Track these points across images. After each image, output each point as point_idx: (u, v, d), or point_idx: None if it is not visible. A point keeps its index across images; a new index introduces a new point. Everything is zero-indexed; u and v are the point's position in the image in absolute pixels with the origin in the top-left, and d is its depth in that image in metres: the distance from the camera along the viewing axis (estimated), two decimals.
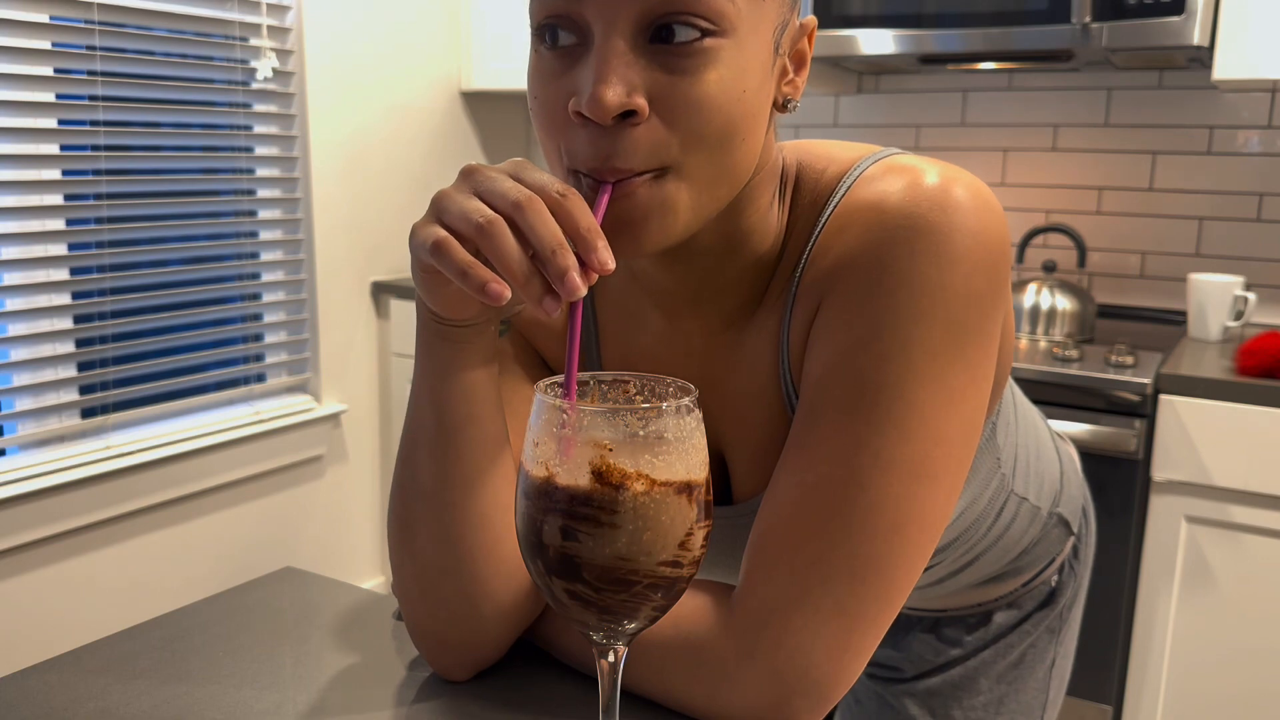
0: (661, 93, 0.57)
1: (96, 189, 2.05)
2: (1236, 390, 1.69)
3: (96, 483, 2.04)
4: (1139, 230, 2.31)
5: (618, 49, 0.56)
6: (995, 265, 0.63)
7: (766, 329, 0.70)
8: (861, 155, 0.69)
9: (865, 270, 0.62)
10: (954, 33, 2.00)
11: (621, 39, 0.56)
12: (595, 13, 0.56)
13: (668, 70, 0.57)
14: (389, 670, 0.71)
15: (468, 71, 2.80)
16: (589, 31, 0.57)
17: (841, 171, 0.68)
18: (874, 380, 0.61)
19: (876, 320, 0.61)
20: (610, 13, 0.56)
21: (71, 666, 0.71)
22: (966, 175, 0.64)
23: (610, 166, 0.57)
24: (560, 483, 0.48)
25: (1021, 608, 0.97)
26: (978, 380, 0.63)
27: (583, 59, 0.58)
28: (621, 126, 0.57)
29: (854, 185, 0.66)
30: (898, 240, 0.61)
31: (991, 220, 0.63)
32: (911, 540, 0.61)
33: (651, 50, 0.57)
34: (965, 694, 0.96)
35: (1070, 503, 0.95)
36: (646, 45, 0.57)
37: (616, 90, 0.56)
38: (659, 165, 0.58)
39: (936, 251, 0.61)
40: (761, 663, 0.61)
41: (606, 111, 0.55)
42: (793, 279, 0.68)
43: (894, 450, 0.60)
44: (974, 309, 0.62)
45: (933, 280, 0.61)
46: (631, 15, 0.56)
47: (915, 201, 0.62)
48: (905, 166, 0.65)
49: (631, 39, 0.57)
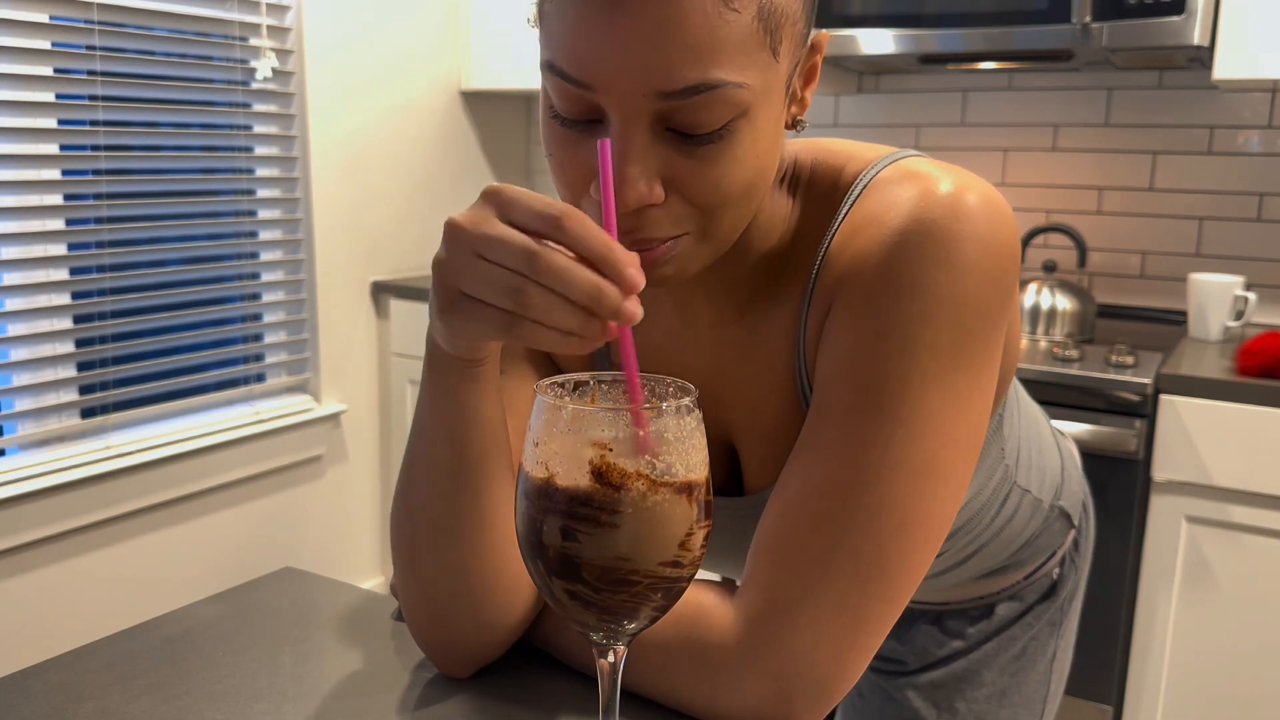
0: (681, 177, 0.58)
1: (96, 189, 2.05)
2: (1236, 390, 1.69)
3: (96, 483, 2.04)
4: (1139, 230, 2.31)
5: (637, 143, 0.56)
6: (1005, 273, 0.63)
7: (783, 323, 0.70)
8: (878, 156, 0.69)
9: (876, 274, 0.63)
10: (954, 32, 2.00)
11: (640, 129, 0.56)
12: (614, 108, 0.56)
13: (687, 156, 0.57)
14: (389, 670, 0.71)
15: (468, 71, 2.80)
16: (605, 116, 0.57)
17: (858, 171, 0.69)
18: (881, 381, 0.61)
19: (885, 322, 0.62)
20: (630, 110, 0.56)
21: (71, 666, 0.70)
22: (980, 182, 0.64)
23: (633, 239, 0.58)
24: (560, 483, 0.48)
25: (1023, 600, 0.97)
26: (983, 384, 0.64)
27: (600, 133, 0.58)
28: (642, 209, 0.58)
29: (869, 186, 0.67)
30: (909, 245, 0.62)
31: (1003, 228, 0.63)
32: (916, 540, 0.62)
33: (669, 139, 0.57)
34: (968, 686, 0.96)
35: (1071, 496, 0.96)
36: (664, 132, 0.57)
37: (637, 188, 0.56)
38: (681, 233, 0.60)
39: (947, 258, 0.61)
40: (764, 662, 0.61)
41: (626, 207, 0.56)
42: (809, 275, 0.69)
43: (900, 450, 0.61)
44: (982, 316, 0.62)
45: (942, 286, 0.61)
46: (650, 112, 0.56)
47: (928, 207, 0.62)
48: (920, 172, 0.65)
49: (649, 128, 0.57)
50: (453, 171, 2.87)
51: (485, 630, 0.68)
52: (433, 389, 0.64)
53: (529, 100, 3.09)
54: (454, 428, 0.64)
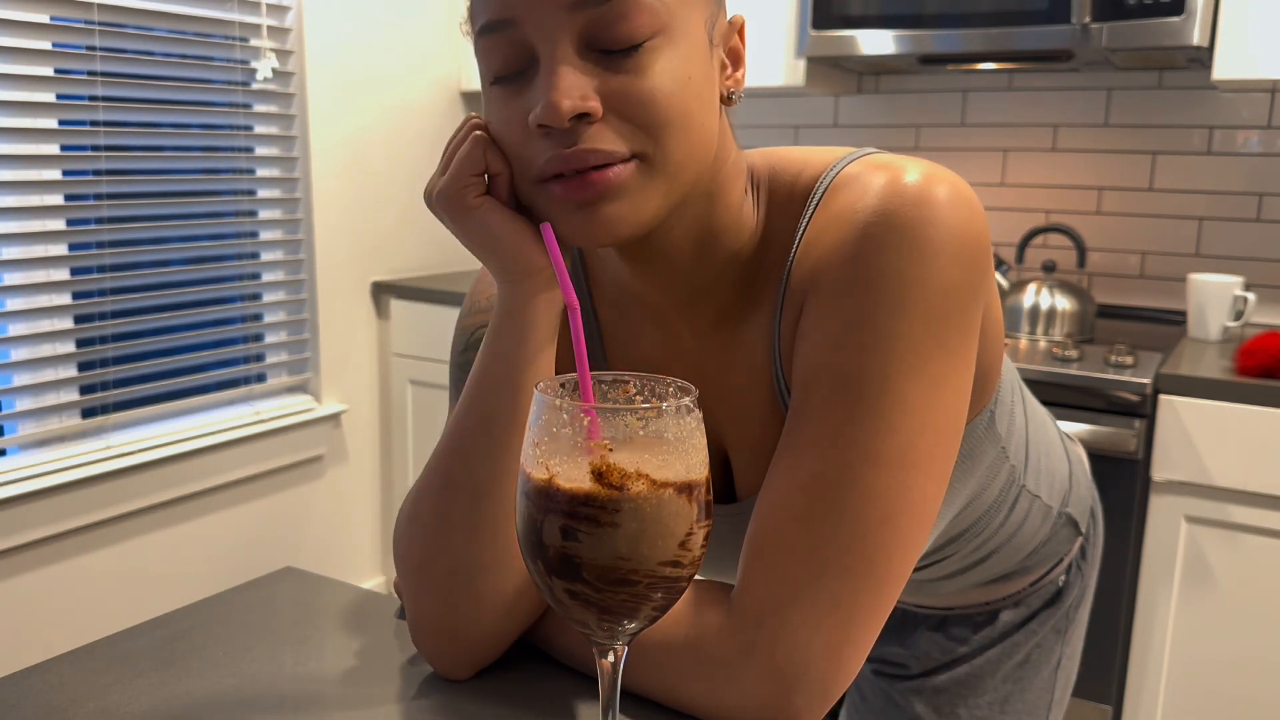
0: (612, 93, 0.60)
1: (97, 189, 2.05)
2: (1236, 390, 1.69)
3: (96, 483, 2.04)
4: (1139, 230, 2.31)
5: (564, 59, 0.60)
6: (973, 257, 0.64)
7: (759, 329, 0.71)
8: (838, 156, 0.70)
9: (845, 267, 0.64)
10: (954, 33, 2.00)
11: (565, 48, 0.60)
12: (540, 38, 0.60)
13: (618, 71, 0.60)
14: (389, 670, 0.71)
15: (468, 71, 2.81)
16: (534, 55, 0.61)
17: (818, 172, 0.69)
18: (856, 374, 0.62)
19: (856, 315, 0.62)
20: (553, 36, 0.60)
21: (71, 666, 0.71)
22: (945, 172, 0.65)
23: (579, 152, 0.60)
24: (560, 483, 0.48)
25: (1028, 606, 0.97)
26: (959, 370, 0.64)
27: (533, 80, 0.61)
28: (580, 126, 0.60)
29: (834, 183, 0.68)
30: (875, 236, 0.63)
31: (969, 215, 0.64)
32: (903, 531, 0.62)
33: (595, 58, 0.60)
34: (971, 693, 0.96)
35: (1079, 503, 0.96)
36: (590, 54, 0.60)
37: (570, 95, 0.59)
38: (627, 152, 0.61)
39: (913, 246, 0.62)
40: (761, 660, 0.61)
41: (562, 114, 0.58)
42: (780, 278, 0.69)
43: (879, 442, 0.61)
44: (952, 300, 0.63)
45: (909, 274, 0.62)
46: (572, 35, 0.59)
47: (894, 196, 0.63)
48: (884, 164, 0.66)
49: (576, 51, 0.60)
50: None
51: (502, 610, 0.67)
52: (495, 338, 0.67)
53: None
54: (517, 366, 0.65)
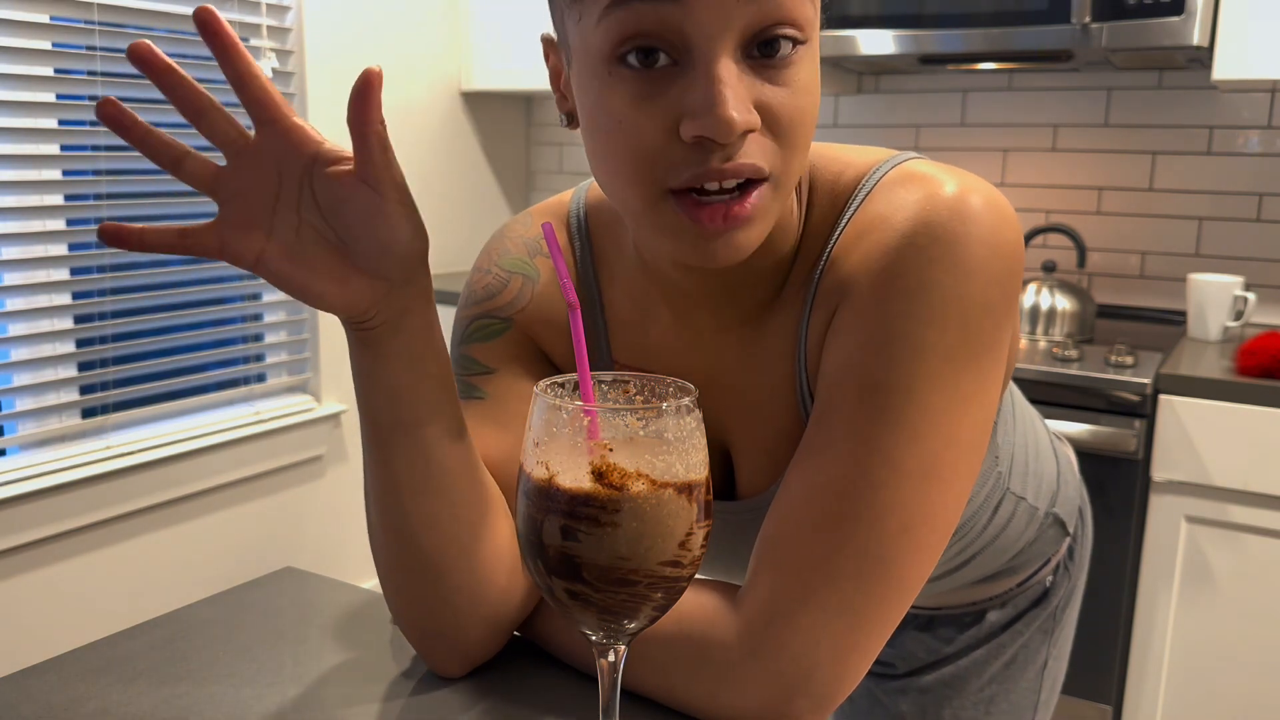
0: (766, 106, 0.57)
1: (97, 189, 2.05)
2: (1236, 390, 1.69)
3: (96, 483, 2.04)
4: (1139, 230, 2.31)
5: (731, 63, 0.56)
6: (1010, 276, 0.63)
7: (783, 328, 0.70)
8: (879, 159, 0.69)
9: (882, 276, 0.63)
10: (954, 33, 2.00)
11: (730, 56, 0.56)
12: (700, 31, 0.55)
13: (772, 83, 0.57)
14: (389, 670, 0.71)
15: (468, 71, 2.80)
16: (688, 50, 0.56)
17: (859, 175, 0.68)
18: (886, 382, 0.61)
19: (891, 324, 0.62)
20: (718, 29, 0.55)
21: (71, 666, 0.71)
22: (983, 184, 0.65)
23: (737, 166, 0.57)
24: (560, 483, 0.48)
25: (1015, 607, 0.97)
26: (988, 387, 0.64)
27: (679, 79, 0.56)
28: (738, 140, 0.57)
29: (873, 191, 0.67)
30: (915, 248, 0.62)
31: (1007, 229, 0.63)
32: (920, 542, 0.62)
33: (752, 64, 0.57)
34: (957, 693, 0.96)
35: (1067, 504, 0.95)
36: (747, 59, 0.57)
37: (741, 111, 0.55)
38: (768, 170, 0.58)
39: (953, 260, 0.61)
40: (765, 662, 0.61)
41: (735, 131, 0.55)
42: (811, 280, 0.68)
43: (904, 452, 0.61)
44: (988, 318, 0.62)
45: (948, 288, 0.61)
46: (738, 30, 0.56)
47: (933, 210, 0.63)
48: (923, 175, 0.65)
49: (737, 55, 0.56)
50: (453, 172, 2.87)
51: (451, 608, 0.67)
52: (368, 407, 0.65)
53: (529, 100, 3.09)
54: (363, 396, 0.65)
